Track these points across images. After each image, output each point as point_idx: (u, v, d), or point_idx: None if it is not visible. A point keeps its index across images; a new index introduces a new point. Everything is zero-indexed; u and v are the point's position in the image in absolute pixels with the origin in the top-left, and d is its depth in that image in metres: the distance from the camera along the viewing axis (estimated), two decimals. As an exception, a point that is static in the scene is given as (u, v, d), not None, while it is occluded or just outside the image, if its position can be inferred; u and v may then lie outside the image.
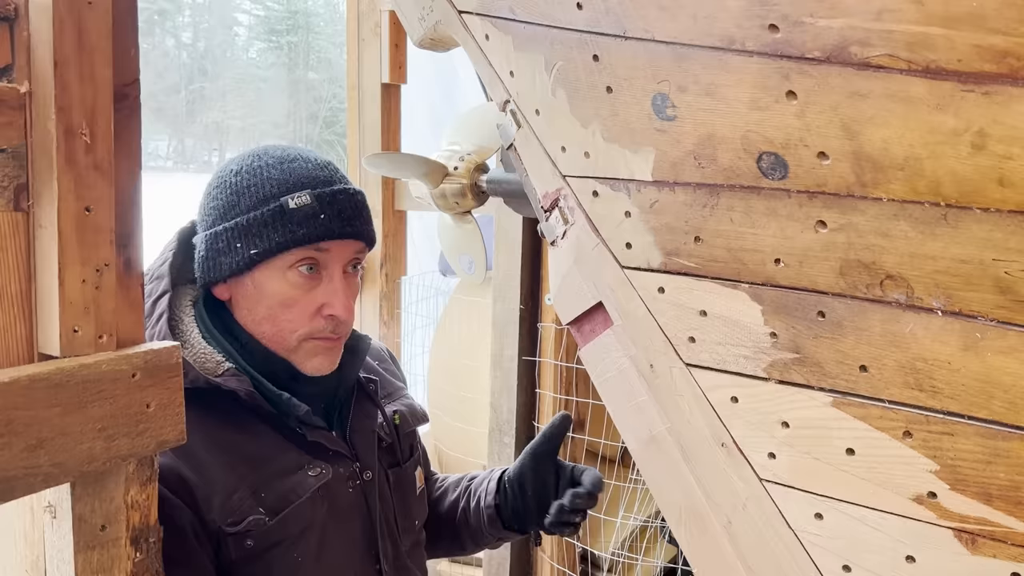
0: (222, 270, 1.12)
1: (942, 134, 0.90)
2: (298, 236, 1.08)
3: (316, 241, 1.10)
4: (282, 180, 1.11)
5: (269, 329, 1.12)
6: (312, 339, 1.13)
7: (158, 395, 0.85)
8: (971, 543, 1.05)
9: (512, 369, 2.54)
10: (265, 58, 18.18)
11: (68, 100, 0.76)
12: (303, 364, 1.14)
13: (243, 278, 1.12)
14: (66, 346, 0.78)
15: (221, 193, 1.14)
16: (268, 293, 1.11)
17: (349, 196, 1.14)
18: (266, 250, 1.09)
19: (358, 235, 1.14)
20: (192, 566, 1.02)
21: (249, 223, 1.10)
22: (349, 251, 1.14)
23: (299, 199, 1.09)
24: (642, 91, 1.18)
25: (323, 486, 1.13)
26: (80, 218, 0.77)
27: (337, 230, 1.10)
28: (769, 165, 1.08)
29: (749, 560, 1.26)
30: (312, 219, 1.09)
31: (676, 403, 1.31)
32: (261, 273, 1.11)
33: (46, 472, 0.74)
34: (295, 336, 1.12)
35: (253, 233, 1.09)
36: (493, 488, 1.36)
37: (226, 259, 1.11)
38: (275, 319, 1.12)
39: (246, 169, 1.13)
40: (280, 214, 1.09)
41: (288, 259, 1.10)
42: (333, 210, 1.10)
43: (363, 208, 1.16)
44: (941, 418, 1.04)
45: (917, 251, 0.99)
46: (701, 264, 1.22)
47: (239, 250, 1.10)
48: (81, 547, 0.81)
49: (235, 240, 1.10)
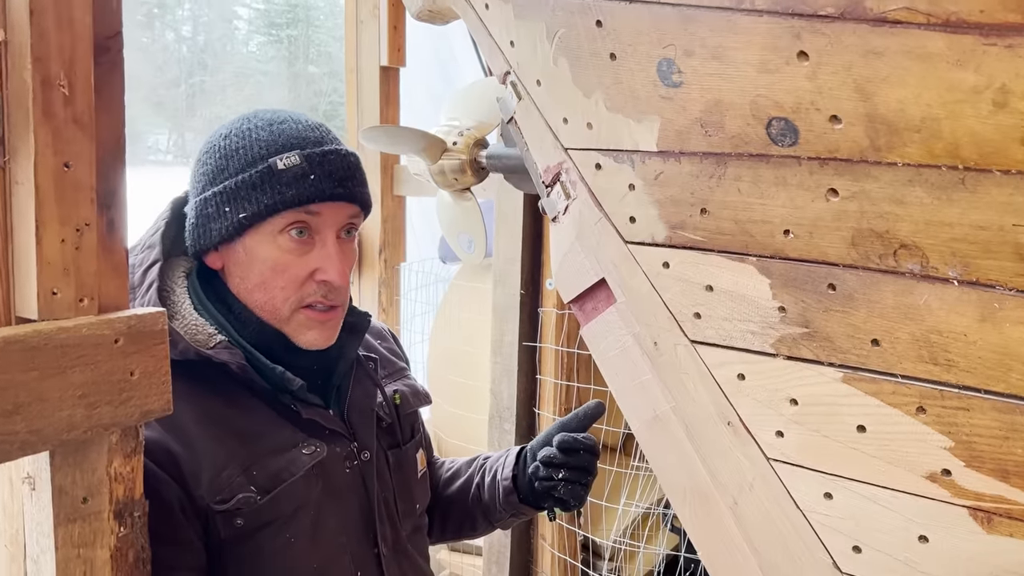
0: (212, 236, 1.08)
1: (962, 92, 0.86)
2: (287, 197, 1.04)
3: (306, 203, 1.05)
4: (271, 141, 1.08)
5: (261, 297, 1.09)
6: (304, 309, 1.09)
7: (143, 362, 0.82)
8: (987, 522, 1.01)
9: (512, 355, 2.50)
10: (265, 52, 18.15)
11: (45, 49, 0.72)
12: (297, 337, 1.10)
13: (234, 245, 1.09)
14: (44, 309, 0.75)
15: (210, 158, 1.10)
16: (259, 259, 1.07)
17: (341, 157, 1.09)
18: (255, 213, 1.05)
19: (350, 197, 1.10)
20: (179, 543, 0.98)
21: (237, 186, 1.06)
22: (342, 215, 1.10)
23: (288, 160, 1.05)
24: (647, 57, 1.14)
25: (317, 465, 1.10)
26: (59, 174, 0.74)
27: (328, 191, 1.06)
28: (779, 131, 1.04)
29: (755, 541, 1.23)
30: (301, 180, 1.05)
31: (681, 381, 1.28)
32: (251, 238, 1.07)
33: (23, 439, 0.71)
34: (287, 304, 1.08)
35: (242, 196, 1.06)
36: (512, 461, 1.33)
37: (216, 225, 1.08)
38: (267, 286, 1.08)
39: (235, 132, 1.10)
40: (268, 175, 1.05)
41: (278, 223, 1.06)
42: (323, 171, 1.06)
43: (356, 170, 1.12)
44: (956, 393, 1.01)
45: (933, 218, 0.96)
46: (707, 237, 1.18)
47: (228, 215, 1.06)
48: (61, 520, 0.78)
49: (224, 205, 1.07)
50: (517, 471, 1.32)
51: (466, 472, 1.40)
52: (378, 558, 1.15)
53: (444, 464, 1.45)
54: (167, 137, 17.89)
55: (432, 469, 1.42)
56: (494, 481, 1.33)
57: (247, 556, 1.03)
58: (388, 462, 1.22)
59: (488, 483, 1.34)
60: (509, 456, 1.35)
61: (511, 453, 1.35)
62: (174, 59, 18.16)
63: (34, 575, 0.79)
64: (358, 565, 1.12)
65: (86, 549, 0.80)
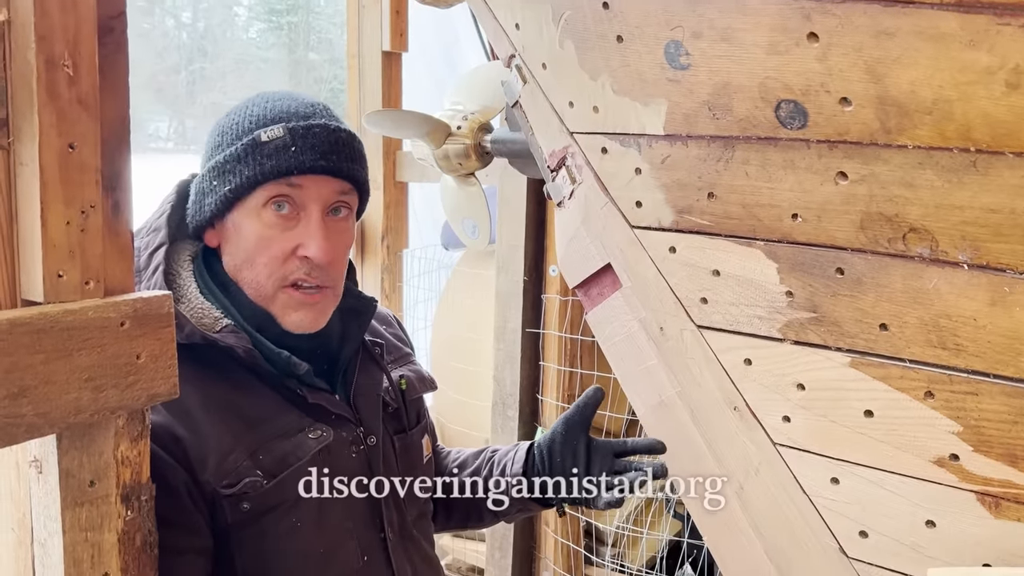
0: (205, 213, 1.08)
1: (974, 73, 0.85)
2: (266, 169, 1.03)
3: (286, 175, 1.04)
4: (260, 115, 1.07)
5: (248, 275, 1.08)
6: (288, 289, 1.08)
7: (149, 346, 0.81)
8: (994, 506, 1.01)
9: (516, 341, 2.50)
10: (265, 38, 18.04)
11: (49, 28, 0.71)
12: (282, 318, 1.08)
13: (225, 221, 1.08)
14: (50, 291, 0.74)
15: (211, 136, 1.10)
16: (244, 234, 1.07)
17: (328, 131, 1.08)
18: (238, 186, 1.04)
19: (335, 171, 1.07)
20: (186, 527, 0.98)
21: (226, 160, 1.06)
22: (327, 190, 1.08)
23: (271, 132, 1.04)
24: (654, 39, 1.13)
25: (323, 449, 1.09)
26: (63, 155, 0.73)
27: (308, 163, 1.04)
28: (788, 114, 1.03)
29: (761, 526, 1.23)
30: (282, 151, 1.04)
31: (687, 366, 1.27)
32: (238, 213, 1.07)
33: (29, 422, 0.70)
34: (271, 281, 1.07)
35: (228, 170, 1.05)
36: (521, 457, 1.32)
37: (208, 200, 1.08)
38: (252, 262, 1.07)
39: (236, 109, 1.10)
40: (252, 148, 1.04)
41: (261, 196, 1.05)
42: (306, 143, 1.05)
43: (344, 145, 1.09)
44: (965, 377, 1.00)
45: (943, 201, 0.95)
46: (714, 221, 1.17)
47: (216, 189, 1.06)
48: (68, 503, 0.77)
49: (214, 179, 1.07)
50: (527, 467, 1.31)
51: (473, 464, 1.39)
52: (384, 543, 1.15)
53: (450, 454, 1.44)
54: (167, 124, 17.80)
55: (438, 458, 1.42)
56: (503, 477, 1.32)
57: (253, 540, 1.02)
58: (394, 447, 1.21)
59: (496, 478, 1.33)
60: (518, 452, 1.33)
61: (520, 449, 1.34)
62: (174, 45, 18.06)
63: (42, 558, 0.79)
64: (364, 549, 1.11)
65: (93, 533, 0.79)
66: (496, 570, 2.60)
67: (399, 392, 1.25)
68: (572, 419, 1.28)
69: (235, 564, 1.03)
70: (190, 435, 1.00)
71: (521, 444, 1.36)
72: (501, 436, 2.56)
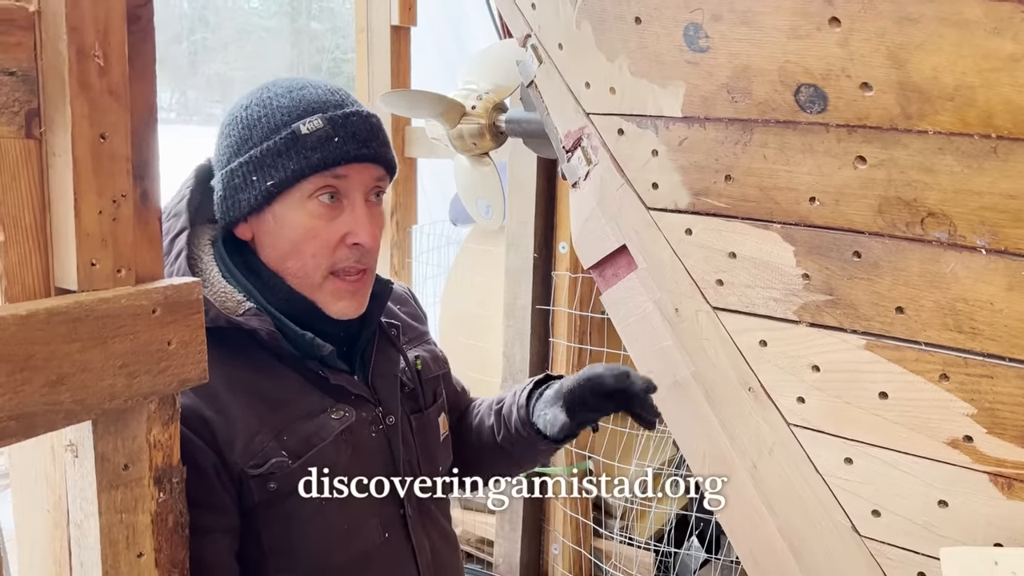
0: (241, 207, 1.08)
1: (998, 60, 0.85)
2: (313, 161, 1.04)
3: (332, 166, 1.05)
4: (292, 107, 1.07)
5: (294, 265, 1.09)
6: (336, 277, 1.09)
7: (179, 332, 0.82)
8: (1007, 487, 1.03)
9: (525, 318, 2.51)
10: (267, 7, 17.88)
11: (79, 19, 0.72)
12: (328, 306, 1.10)
13: (263, 214, 1.09)
14: (84, 280, 0.75)
15: (233, 130, 1.10)
16: (290, 226, 1.07)
17: (363, 118, 1.09)
18: (283, 180, 1.05)
19: (375, 158, 1.09)
20: (215, 506, 1.00)
21: (263, 154, 1.06)
22: (368, 177, 1.10)
23: (311, 124, 1.05)
24: (673, 21, 1.13)
25: (346, 429, 1.11)
26: (95, 146, 0.74)
27: (353, 152, 1.06)
28: (807, 98, 1.04)
29: (775, 505, 1.25)
30: (326, 143, 1.05)
31: (702, 347, 1.29)
32: (281, 206, 1.07)
33: (67, 408, 0.72)
34: (319, 271, 1.08)
35: (268, 164, 1.06)
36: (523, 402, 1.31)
37: (244, 195, 1.08)
38: (299, 253, 1.08)
39: (256, 102, 1.10)
40: (293, 141, 1.05)
41: (307, 188, 1.06)
42: (347, 132, 1.06)
43: (378, 131, 1.11)
44: (980, 360, 1.01)
45: (962, 187, 0.96)
46: (732, 204, 1.18)
47: (255, 184, 1.06)
48: (104, 486, 0.79)
49: (251, 174, 1.07)
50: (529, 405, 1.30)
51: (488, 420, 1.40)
52: (404, 519, 1.17)
53: (473, 409, 1.45)
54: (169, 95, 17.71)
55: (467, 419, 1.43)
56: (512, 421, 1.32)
57: (279, 518, 1.05)
58: (412, 426, 1.23)
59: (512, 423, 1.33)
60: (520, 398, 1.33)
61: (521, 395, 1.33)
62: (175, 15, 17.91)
63: (78, 539, 0.81)
64: (386, 526, 1.14)
65: (128, 514, 0.81)
66: (506, 543, 2.63)
67: (415, 372, 1.27)
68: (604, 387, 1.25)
69: (261, 541, 1.05)
70: (217, 417, 1.02)
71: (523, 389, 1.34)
72: (511, 411, 2.58)
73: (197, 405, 1.00)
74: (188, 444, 0.95)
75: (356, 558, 1.11)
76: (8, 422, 0.68)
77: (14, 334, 0.68)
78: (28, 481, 0.88)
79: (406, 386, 1.24)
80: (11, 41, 0.71)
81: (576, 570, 2.58)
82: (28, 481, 0.88)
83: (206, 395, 1.01)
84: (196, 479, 0.95)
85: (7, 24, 0.71)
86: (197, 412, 1.00)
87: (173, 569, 0.87)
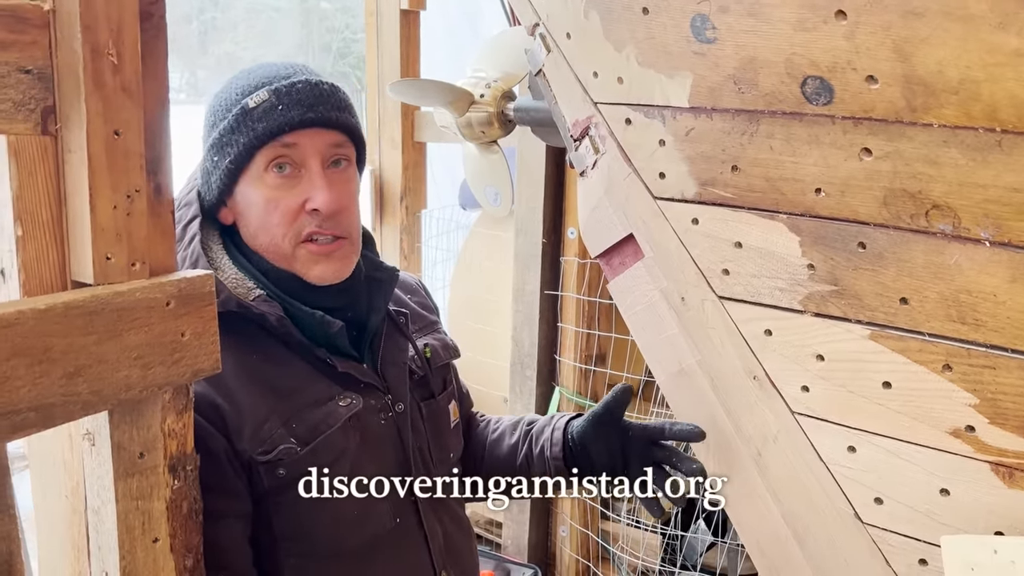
0: (213, 191, 1.12)
1: (1003, 54, 0.86)
2: (258, 132, 1.06)
3: (278, 134, 1.06)
4: (245, 85, 1.10)
5: (264, 240, 1.11)
6: (306, 244, 1.11)
7: (192, 324, 0.84)
8: (1008, 477, 1.04)
9: (534, 303, 2.53)
10: (277, -14, 17.80)
11: (93, 18, 0.73)
12: (306, 273, 1.11)
13: (234, 195, 1.11)
14: (99, 274, 0.77)
15: (206, 118, 1.13)
16: (253, 202, 1.10)
17: (311, 85, 1.09)
18: (237, 155, 1.07)
19: (324, 122, 1.09)
20: (227, 492, 1.02)
21: (221, 135, 1.09)
22: (321, 142, 1.10)
23: (257, 97, 1.07)
24: (681, 12, 1.13)
25: (354, 416, 1.13)
26: (110, 142, 0.75)
27: (297, 118, 1.07)
28: (814, 90, 1.04)
29: (778, 491, 1.26)
30: (271, 112, 1.06)
31: (707, 336, 1.30)
32: (243, 184, 1.10)
33: (85, 399, 0.74)
34: (287, 240, 1.10)
35: (225, 143, 1.08)
36: (559, 439, 1.33)
37: (213, 178, 1.11)
38: (266, 226, 1.10)
39: (221, 88, 1.13)
40: (242, 116, 1.07)
41: (260, 162, 1.08)
42: (291, 99, 1.07)
43: (329, 96, 1.11)
44: (983, 351, 1.02)
45: (967, 179, 0.96)
46: (738, 194, 1.18)
47: (219, 164, 1.09)
48: (120, 474, 0.81)
49: (214, 156, 1.10)
50: (565, 456, 1.32)
51: (511, 437, 1.40)
52: (415, 505, 1.19)
53: (490, 424, 1.46)
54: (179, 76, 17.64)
55: (477, 427, 1.45)
56: (543, 456, 1.34)
57: (290, 504, 1.07)
58: (422, 413, 1.25)
59: (536, 455, 1.35)
60: (556, 432, 1.34)
61: (557, 427, 1.35)
62: (185, -5, 17.85)
63: (96, 525, 0.84)
64: (396, 512, 1.16)
65: (143, 501, 0.84)
66: (514, 524, 2.66)
67: (424, 360, 1.28)
68: (602, 419, 1.30)
69: (273, 527, 1.08)
70: (227, 403, 1.04)
71: (556, 422, 1.36)
72: (519, 396, 2.60)
73: (208, 391, 1.02)
74: (200, 430, 0.97)
75: (367, 543, 1.13)
76: (28, 413, 0.70)
77: (33, 327, 0.70)
78: (47, 468, 0.91)
79: (415, 373, 1.26)
80: (26, 40, 0.72)
81: (583, 552, 2.61)
82: (47, 468, 0.91)
83: (216, 382, 1.03)
84: (208, 464, 0.98)
85: (23, 23, 0.72)
86: (208, 398, 1.02)
87: (188, 554, 0.90)
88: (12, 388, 0.68)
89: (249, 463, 1.05)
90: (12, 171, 0.73)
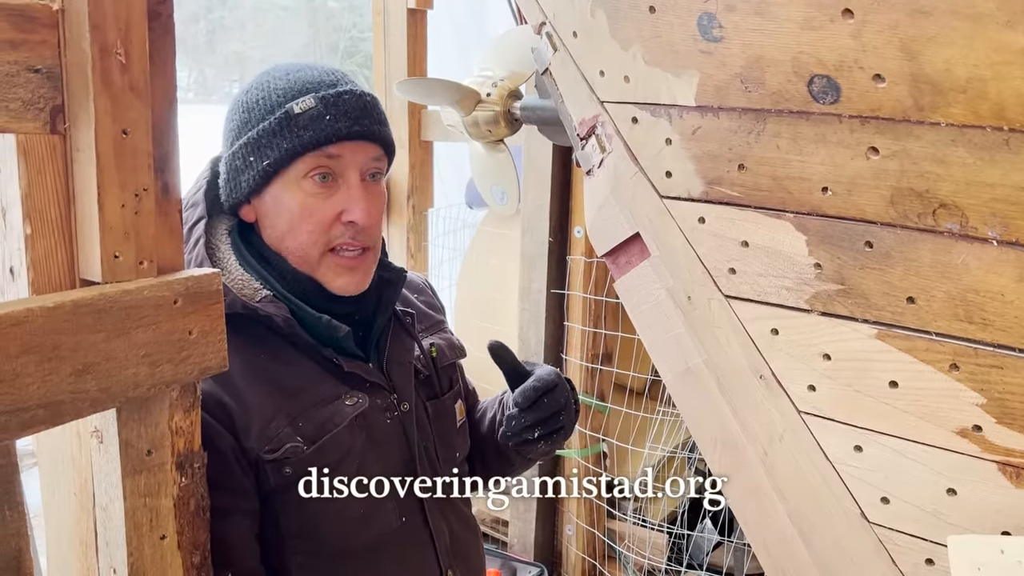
0: (242, 188, 1.11)
1: (1011, 53, 0.85)
2: (304, 140, 1.06)
3: (324, 144, 1.07)
4: (288, 88, 1.10)
5: (292, 244, 1.11)
6: (332, 255, 1.11)
7: (200, 322, 0.85)
8: (1015, 477, 1.03)
9: (540, 302, 2.53)
10: (284, -14, 17.86)
11: (102, 17, 0.73)
12: (329, 283, 1.12)
13: (263, 195, 1.11)
14: (107, 272, 0.77)
15: (235, 114, 1.13)
16: (286, 205, 1.10)
17: (356, 97, 1.11)
18: (277, 159, 1.07)
19: (368, 135, 1.11)
20: (234, 489, 1.03)
21: (259, 135, 1.08)
22: (363, 156, 1.11)
23: (304, 103, 1.07)
24: (687, 11, 1.13)
25: (360, 415, 1.13)
26: (118, 141, 0.76)
27: (344, 130, 1.08)
28: (820, 89, 1.04)
29: (784, 490, 1.26)
30: (317, 121, 1.07)
31: (714, 335, 1.30)
32: (277, 186, 1.10)
33: (93, 397, 0.74)
34: (316, 248, 1.10)
35: (263, 144, 1.08)
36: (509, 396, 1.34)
37: (244, 176, 1.11)
38: (296, 232, 1.10)
39: (255, 86, 1.12)
40: (286, 120, 1.07)
41: (301, 168, 1.08)
42: (338, 110, 1.08)
43: (372, 109, 1.12)
44: (991, 351, 1.02)
45: (974, 178, 0.96)
46: (744, 193, 1.18)
47: (253, 164, 1.09)
48: (128, 471, 0.82)
49: (249, 155, 1.09)
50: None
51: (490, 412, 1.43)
52: (421, 504, 1.19)
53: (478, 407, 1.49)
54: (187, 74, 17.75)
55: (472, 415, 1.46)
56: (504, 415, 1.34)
57: (296, 503, 1.07)
58: (427, 412, 1.26)
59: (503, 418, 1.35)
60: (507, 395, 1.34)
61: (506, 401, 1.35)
62: (193, -5, 17.95)
63: (104, 521, 0.84)
64: (403, 511, 1.16)
65: (151, 498, 0.84)
66: (520, 523, 2.67)
67: (430, 359, 1.29)
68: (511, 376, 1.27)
69: (280, 525, 1.08)
70: (234, 402, 1.04)
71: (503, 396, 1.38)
72: (526, 394, 2.60)
73: (215, 390, 1.03)
74: (207, 428, 0.97)
75: (373, 542, 1.14)
76: (37, 410, 0.70)
77: (42, 325, 0.70)
78: (56, 464, 0.92)
79: (421, 373, 1.26)
80: (36, 39, 0.73)
81: (590, 551, 2.61)
82: (56, 464, 0.92)
83: (223, 381, 1.04)
84: (216, 462, 0.98)
85: (32, 22, 0.72)
86: (215, 396, 1.03)
87: (195, 551, 0.90)
88: (21, 385, 0.68)
89: (256, 461, 1.06)
90: (21, 170, 0.74)
